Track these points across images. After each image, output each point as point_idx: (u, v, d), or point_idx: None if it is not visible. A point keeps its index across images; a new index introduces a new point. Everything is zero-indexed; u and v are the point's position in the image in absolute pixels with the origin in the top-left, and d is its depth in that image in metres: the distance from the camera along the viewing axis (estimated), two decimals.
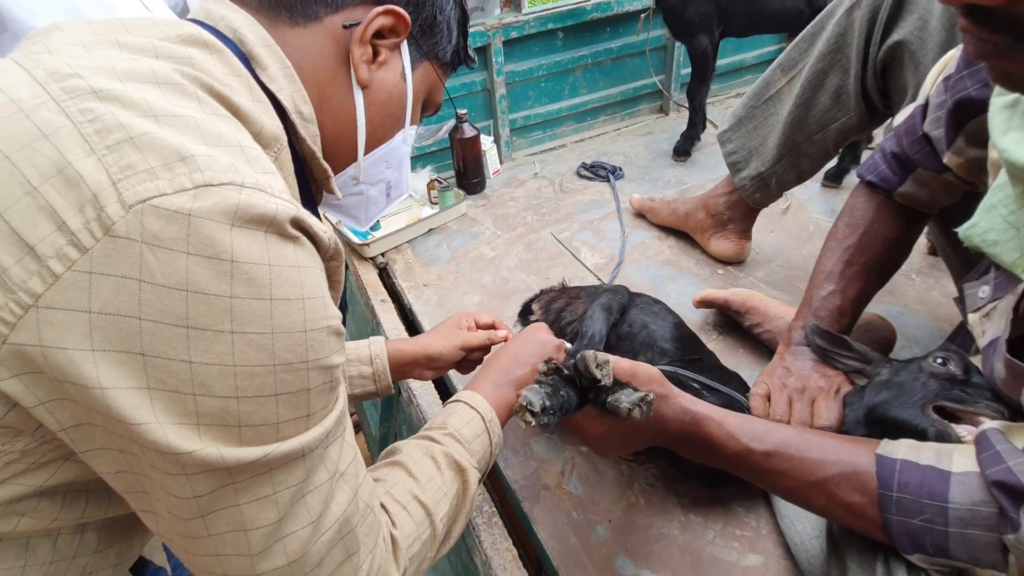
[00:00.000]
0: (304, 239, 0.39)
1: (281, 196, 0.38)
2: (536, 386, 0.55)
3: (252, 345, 0.36)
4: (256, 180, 0.37)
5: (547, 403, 0.53)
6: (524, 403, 0.53)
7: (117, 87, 0.36)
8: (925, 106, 0.75)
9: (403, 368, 0.83)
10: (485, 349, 0.86)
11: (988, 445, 0.51)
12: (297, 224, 0.38)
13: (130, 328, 0.33)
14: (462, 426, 0.61)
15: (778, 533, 0.77)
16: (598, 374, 0.54)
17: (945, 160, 0.72)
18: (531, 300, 0.98)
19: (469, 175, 1.61)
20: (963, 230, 0.59)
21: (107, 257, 0.33)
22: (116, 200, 0.33)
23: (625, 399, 0.54)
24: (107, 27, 0.43)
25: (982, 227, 0.57)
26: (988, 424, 0.54)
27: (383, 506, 0.52)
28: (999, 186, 0.56)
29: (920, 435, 0.63)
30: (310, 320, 0.38)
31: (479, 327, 0.87)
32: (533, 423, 0.53)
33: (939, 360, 0.67)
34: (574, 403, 0.57)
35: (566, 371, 0.57)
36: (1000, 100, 0.52)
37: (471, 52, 0.63)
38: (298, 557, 0.41)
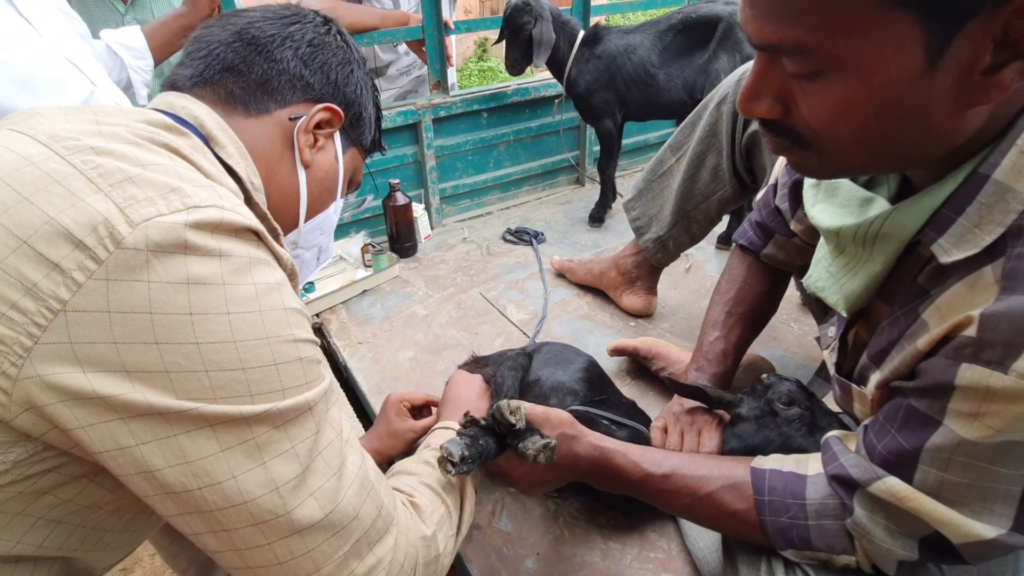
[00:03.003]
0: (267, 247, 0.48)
1: (251, 217, 0.47)
2: (457, 438, 0.61)
3: (246, 322, 0.43)
4: (232, 205, 0.46)
5: (466, 453, 0.60)
6: (445, 454, 0.59)
7: (108, 145, 0.44)
8: (775, 184, 0.93)
9: None
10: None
11: (828, 448, 0.64)
12: (260, 236, 0.47)
13: (142, 322, 0.40)
14: (438, 443, 0.67)
15: (686, 553, 0.85)
16: (512, 419, 0.61)
17: (792, 227, 0.90)
18: None
19: (402, 239, 1.70)
20: (804, 280, 0.75)
21: (119, 265, 0.39)
22: (124, 221, 0.40)
23: (531, 446, 0.61)
24: (80, 113, 0.50)
25: (814, 277, 0.72)
26: (830, 433, 0.67)
27: (395, 488, 0.57)
28: (821, 244, 0.72)
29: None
30: (287, 301, 0.46)
31: (414, 407, 0.95)
32: (454, 472, 0.59)
33: (784, 401, 0.77)
34: (493, 450, 0.64)
35: (483, 422, 0.64)
36: (810, 180, 0.68)
37: (383, 142, 0.77)
38: (332, 508, 0.46)
